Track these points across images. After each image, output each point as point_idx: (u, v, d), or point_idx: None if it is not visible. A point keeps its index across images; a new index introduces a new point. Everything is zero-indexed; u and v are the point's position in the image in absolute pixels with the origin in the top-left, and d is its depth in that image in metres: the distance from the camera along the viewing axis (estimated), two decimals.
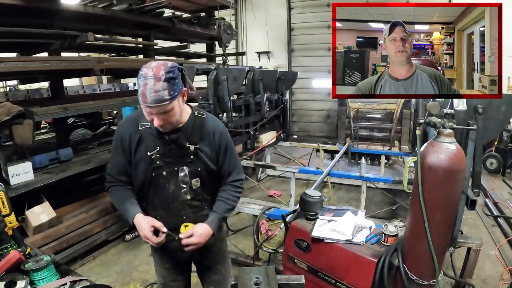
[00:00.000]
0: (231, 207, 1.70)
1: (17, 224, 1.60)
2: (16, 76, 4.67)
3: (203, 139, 1.60)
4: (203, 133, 1.60)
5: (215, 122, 1.67)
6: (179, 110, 1.46)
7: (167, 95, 1.34)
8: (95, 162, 3.86)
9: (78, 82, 8.55)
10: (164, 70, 1.34)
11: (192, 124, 1.58)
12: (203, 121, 1.62)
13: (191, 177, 1.61)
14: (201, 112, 1.64)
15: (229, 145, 1.67)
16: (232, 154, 1.69)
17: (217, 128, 1.64)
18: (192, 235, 1.54)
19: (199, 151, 1.59)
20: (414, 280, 1.69)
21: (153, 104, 1.35)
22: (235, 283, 1.08)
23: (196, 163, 1.60)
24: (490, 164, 5.86)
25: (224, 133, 1.66)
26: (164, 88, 1.33)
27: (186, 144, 1.57)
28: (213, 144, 1.62)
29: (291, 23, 9.43)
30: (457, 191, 1.62)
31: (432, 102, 1.64)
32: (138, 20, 4.83)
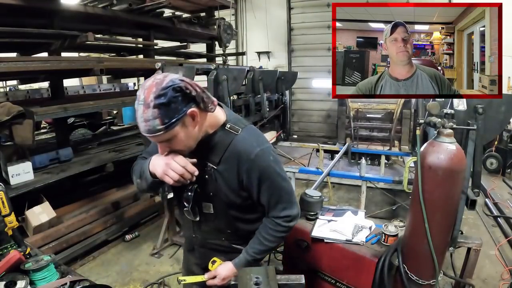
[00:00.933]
0: (266, 248, 1.40)
1: (17, 224, 1.59)
2: (16, 76, 4.66)
3: (227, 162, 1.30)
4: (228, 155, 1.29)
5: (247, 144, 1.28)
6: (188, 137, 1.20)
7: (159, 125, 1.09)
8: (95, 162, 3.86)
9: (78, 82, 8.56)
10: (154, 93, 1.07)
11: (218, 140, 1.30)
12: (233, 139, 1.29)
13: (201, 199, 1.38)
14: (235, 127, 1.30)
15: (266, 175, 1.30)
16: (273, 185, 1.33)
17: (248, 154, 1.27)
18: (215, 276, 1.42)
19: (217, 174, 1.32)
20: (414, 280, 1.69)
21: (146, 134, 1.13)
22: (235, 283, 1.08)
23: (209, 186, 1.34)
24: (490, 164, 5.86)
25: (259, 161, 1.28)
26: (154, 117, 1.08)
27: (205, 161, 1.31)
28: (237, 172, 1.30)
29: (291, 23, 9.43)
30: (457, 191, 1.62)
31: (432, 102, 1.64)
32: (138, 20, 4.83)
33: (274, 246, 1.43)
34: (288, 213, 1.37)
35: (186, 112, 1.13)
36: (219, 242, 1.48)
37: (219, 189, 1.34)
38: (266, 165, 1.30)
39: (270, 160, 1.32)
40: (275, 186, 1.33)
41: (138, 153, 4.24)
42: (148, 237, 3.95)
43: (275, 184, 1.33)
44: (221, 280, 1.40)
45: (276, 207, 1.36)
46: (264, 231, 1.40)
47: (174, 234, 3.79)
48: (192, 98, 1.14)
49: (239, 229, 1.45)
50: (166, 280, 3.12)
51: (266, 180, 1.31)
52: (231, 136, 1.29)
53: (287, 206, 1.37)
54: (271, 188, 1.33)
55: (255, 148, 1.28)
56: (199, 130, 1.23)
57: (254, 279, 1.06)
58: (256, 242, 1.40)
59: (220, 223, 1.44)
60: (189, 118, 1.16)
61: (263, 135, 1.41)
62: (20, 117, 2.83)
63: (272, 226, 1.39)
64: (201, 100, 1.17)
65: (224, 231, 1.46)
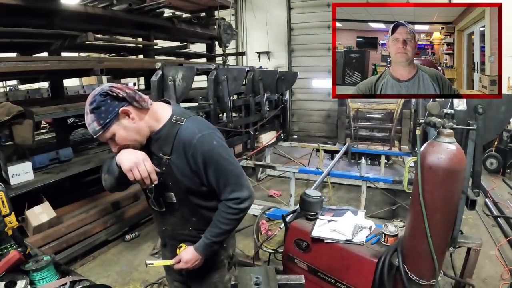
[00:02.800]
0: (221, 231, 1.47)
1: (17, 224, 1.59)
2: (16, 76, 4.67)
3: (176, 151, 1.39)
4: (176, 144, 1.39)
5: (188, 131, 1.38)
6: (128, 132, 1.32)
7: (97, 126, 1.28)
8: (95, 162, 3.86)
9: (78, 82, 8.56)
10: (88, 102, 1.29)
11: (166, 132, 1.40)
12: (179, 129, 1.39)
13: (163, 190, 1.46)
14: (180, 119, 1.41)
15: (210, 159, 1.37)
16: (219, 168, 1.39)
17: (190, 140, 1.36)
18: (180, 261, 1.50)
19: (172, 163, 1.40)
20: (414, 280, 1.69)
21: (93, 136, 1.32)
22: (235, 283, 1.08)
23: (167, 176, 1.42)
24: (490, 164, 5.86)
25: (201, 146, 1.36)
26: (92, 120, 1.28)
27: (160, 154, 1.41)
28: (185, 159, 1.38)
29: (291, 23, 9.43)
30: (457, 191, 1.62)
31: (432, 102, 1.64)
32: (138, 20, 4.83)
33: (229, 228, 1.49)
34: (237, 195, 1.42)
35: (118, 111, 1.28)
36: (187, 232, 1.54)
37: (176, 178, 1.41)
38: (209, 149, 1.37)
39: (214, 145, 1.38)
40: (221, 169, 1.39)
41: None
42: (148, 237, 3.95)
43: (221, 167, 1.39)
44: (185, 264, 1.48)
45: (225, 190, 1.42)
46: (218, 215, 1.46)
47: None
48: (122, 99, 1.29)
49: (204, 217, 1.51)
50: (166, 280, 3.12)
51: (211, 164, 1.37)
52: (176, 127, 1.39)
53: (235, 188, 1.42)
54: (217, 171, 1.39)
55: (196, 134, 1.37)
56: (144, 124, 1.36)
57: (254, 279, 1.06)
58: (213, 226, 1.47)
59: (184, 211, 1.50)
60: (123, 115, 1.30)
61: (207, 122, 1.51)
62: (20, 117, 2.83)
63: (224, 209, 1.44)
64: (133, 99, 1.31)
65: (190, 220, 1.52)
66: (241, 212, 1.47)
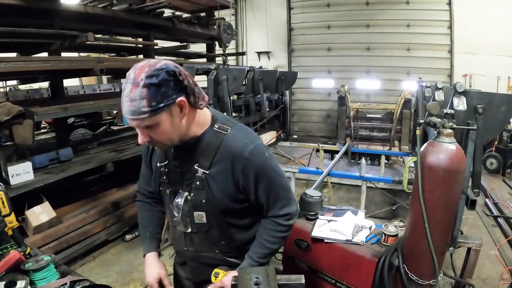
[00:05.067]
0: (269, 251, 1.31)
1: (17, 224, 1.59)
2: (16, 76, 4.66)
3: (218, 164, 1.21)
4: (219, 156, 1.20)
5: (238, 142, 1.20)
6: (172, 129, 1.11)
7: (145, 107, 1.01)
8: (95, 162, 3.87)
9: (78, 82, 8.56)
10: (146, 72, 1.01)
11: (207, 141, 1.21)
12: (223, 139, 1.20)
13: (194, 208, 1.28)
14: (224, 127, 1.22)
15: (263, 173, 1.22)
16: (271, 183, 1.25)
17: (241, 152, 1.19)
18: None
19: (209, 178, 1.22)
20: (414, 280, 1.69)
21: (129, 116, 1.04)
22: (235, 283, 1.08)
23: (201, 193, 1.24)
24: (490, 164, 5.87)
25: (254, 159, 1.20)
26: (142, 97, 1.00)
27: (194, 166, 1.23)
28: (232, 173, 1.21)
29: (291, 23, 9.43)
30: (457, 191, 1.62)
31: (432, 102, 1.64)
32: (138, 20, 4.83)
33: (277, 247, 1.35)
34: (287, 211, 1.30)
35: (176, 100, 1.06)
36: (213, 255, 1.37)
37: (212, 195, 1.23)
38: (262, 162, 1.23)
39: (266, 157, 1.25)
40: (273, 183, 1.26)
41: (138, 153, 4.23)
42: None
43: (273, 181, 1.26)
44: None
45: (275, 206, 1.29)
46: (265, 234, 1.31)
47: None
48: (183, 88, 1.08)
49: (234, 239, 1.35)
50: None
51: (263, 178, 1.23)
52: (220, 136, 1.21)
53: (285, 204, 1.30)
54: (269, 186, 1.25)
55: (248, 145, 1.20)
56: (186, 125, 1.15)
57: (254, 279, 1.06)
58: (258, 246, 1.31)
59: (214, 234, 1.33)
60: (177, 107, 1.08)
61: (253, 132, 1.35)
62: (20, 117, 2.83)
63: (273, 226, 1.30)
64: (192, 93, 1.11)
65: (218, 243, 1.35)
66: (290, 229, 1.34)
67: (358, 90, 8.51)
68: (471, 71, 7.49)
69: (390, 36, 8.22)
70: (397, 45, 8.21)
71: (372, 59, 8.52)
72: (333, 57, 8.95)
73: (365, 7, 8.35)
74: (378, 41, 8.37)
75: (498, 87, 7.14)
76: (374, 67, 8.52)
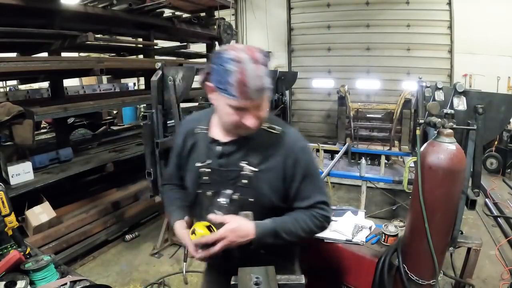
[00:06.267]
0: (295, 232, 1.21)
1: (17, 224, 1.59)
2: (16, 76, 4.67)
3: (269, 161, 1.20)
4: (270, 153, 1.20)
5: (292, 140, 1.23)
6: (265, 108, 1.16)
7: (269, 83, 1.07)
8: (95, 162, 3.87)
9: (78, 82, 8.55)
10: (259, 52, 1.07)
11: (258, 140, 1.20)
12: (275, 137, 1.21)
13: (240, 208, 1.21)
14: (274, 126, 1.23)
15: (310, 171, 1.24)
16: (313, 181, 1.25)
17: (294, 148, 1.22)
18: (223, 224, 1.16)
19: (260, 175, 1.19)
20: (414, 280, 1.69)
21: (256, 95, 1.05)
22: (235, 283, 1.08)
23: (248, 191, 1.21)
24: (490, 164, 5.86)
25: (303, 156, 1.23)
26: (265, 74, 1.06)
27: (241, 163, 1.20)
28: (283, 169, 1.20)
29: (291, 23, 9.43)
30: (457, 191, 1.62)
31: (432, 102, 1.64)
32: (138, 20, 4.83)
33: (302, 235, 1.24)
34: (325, 213, 1.26)
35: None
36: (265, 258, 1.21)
37: (261, 193, 1.20)
38: (311, 160, 1.27)
39: (312, 156, 1.31)
40: (315, 182, 1.26)
41: (138, 153, 4.24)
42: (148, 237, 3.95)
43: (315, 180, 1.26)
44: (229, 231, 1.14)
45: (316, 204, 1.25)
46: (297, 215, 1.24)
47: (174, 234, 3.79)
48: None
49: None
50: (166, 280, 3.12)
51: (308, 176, 1.23)
52: (271, 134, 1.22)
53: (324, 206, 1.27)
54: (312, 183, 1.24)
55: (300, 142, 1.25)
56: None
57: (254, 279, 1.06)
58: (287, 221, 1.22)
59: None
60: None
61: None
62: (20, 117, 2.83)
63: (309, 217, 1.24)
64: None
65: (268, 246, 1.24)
66: (322, 230, 1.30)
67: (358, 90, 8.50)
68: (471, 71, 7.49)
69: (390, 36, 8.21)
70: (397, 45, 8.20)
71: (372, 59, 8.51)
72: (333, 57, 8.94)
73: (365, 7, 8.34)
74: (378, 41, 8.36)
75: (498, 87, 7.14)
76: (374, 67, 8.52)
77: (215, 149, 1.24)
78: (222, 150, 1.23)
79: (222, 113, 1.15)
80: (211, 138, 1.26)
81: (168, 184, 1.52)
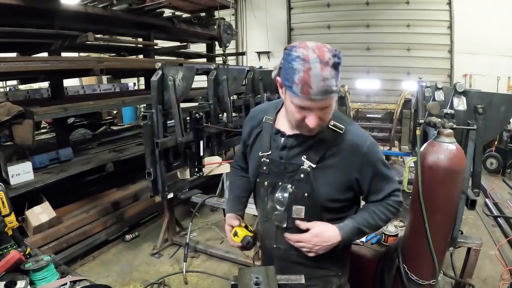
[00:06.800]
0: (375, 224, 1.30)
1: (17, 224, 1.59)
2: (16, 76, 4.67)
3: (331, 158, 1.21)
4: (333, 151, 1.20)
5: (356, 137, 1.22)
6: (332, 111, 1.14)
7: (335, 85, 1.03)
8: (95, 162, 3.86)
9: (78, 82, 8.56)
10: (330, 52, 1.03)
11: (321, 137, 1.20)
12: (338, 135, 1.20)
13: (294, 202, 1.25)
14: (338, 125, 1.21)
15: (378, 169, 1.26)
16: (384, 175, 1.28)
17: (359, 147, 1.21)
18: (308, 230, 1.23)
19: (317, 173, 1.21)
20: (414, 280, 1.69)
21: (319, 97, 1.03)
22: (235, 283, 1.08)
23: (304, 186, 1.22)
24: (490, 164, 5.86)
25: (371, 155, 1.23)
26: (332, 76, 1.02)
27: (302, 158, 1.21)
28: (347, 167, 1.21)
29: (291, 23, 9.43)
30: (457, 191, 1.62)
31: (432, 102, 1.64)
32: (138, 20, 4.83)
33: (381, 225, 1.33)
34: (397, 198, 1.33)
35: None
36: (303, 254, 1.30)
37: (317, 189, 1.22)
38: (378, 159, 1.26)
39: (380, 153, 1.28)
40: (385, 176, 1.28)
41: (138, 153, 4.23)
42: (148, 237, 3.95)
43: (384, 174, 1.28)
44: (314, 236, 1.23)
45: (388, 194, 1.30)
46: (374, 208, 1.30)
47: (174, 234, 3.79)
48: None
49: None
50: (166, 280, 3.12)
51: (378, 173, 1.25)
52: (335, 133, 1.20)
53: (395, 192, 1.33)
54: (382, 180, 1.28)
55: (366, 141, 1.22)
56: None
57: (254, 279, 1.06)
58: (367, 215, 1.29)
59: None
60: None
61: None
62: (20, 117, 2.83)
63: (384, 207, 1.31)
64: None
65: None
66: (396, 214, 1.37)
67: (358, 90, 8.50)
68: (471, 71, 7.49)
69: (390, 36, 8.22)
70: (397, 45, 8.20)
71: (372, 59, 8.52)
72: None
73: (365, 7, 8.34)
74: (378, 41, 8.36)
75: (498, 87, 7.14)
76: (374, 67, 8.52)
77: (278, 141, 1.27)
78: (285, 142, 1.25)
79: (287, 109, 1.16)
80: (276, 129, 1.28)
81: (235, 168, 1.61)
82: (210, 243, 3.75)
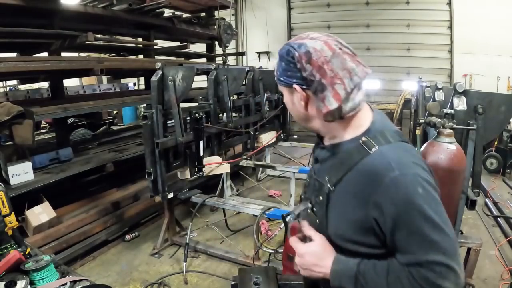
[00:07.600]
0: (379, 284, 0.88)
1: (17, 224, 1.60)
2: (16, 76, 4.67)
3: (347, 183, 0.93)
4: (352, 174, 0.92)
5: (382, 162, 0.87)
6: (292, 106, 1.02)
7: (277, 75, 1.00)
8: (95, 162, 3.86)
9: (78, 82, 8.57)
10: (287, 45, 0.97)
11: (345, 154, 0.96)
12: (365, 155, 0.91)
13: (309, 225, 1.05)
14: (371, 142, 0.91)
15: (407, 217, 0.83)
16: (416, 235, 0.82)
17: (379, 175, 0.86)
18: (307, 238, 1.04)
19: (333, 197, 0.96)
20: None
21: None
22: (235, 283, 1.08)
23: (320, 211, 1.01)
24: (490, 164, 5.86)
25: (395, 190, 0.84)
26: (277, 67, 1.00)
27: (325, 176, 0.98)
28: (361, 197, 0.89)
29: (291, 23, 9.44)
30: (457, 191, 1.62)
31: (432, 102, 1.64)
32: (138, 20, 4.84)
33: None
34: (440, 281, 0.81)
35: (292, 85, 0.95)
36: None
37: (328, 217, 0.98)
38: (407, 199, 0.84)
39: (417, 193, 0.84)
40: (420, 234, 0.83)
41: (138, 153, 4.24)
42: (148, 237, 3.95)
43: (420, 233, 0.83)
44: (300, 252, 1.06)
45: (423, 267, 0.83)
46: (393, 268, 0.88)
47: (174, 234, 3.79)
48: (303, 78, 0.92)
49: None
50: (166, 280, 3.12)
51: (405, 223, 0.84)
52: (363, 151, 0.92)
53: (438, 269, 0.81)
54: (413, 236, 0.84)
55: (393, 170, 0.85)
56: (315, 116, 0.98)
57: (254, 279, 1.06)
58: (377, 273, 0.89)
59: None
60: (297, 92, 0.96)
61: (415, 154, 0.96)
62: (20, 117, 2.83)
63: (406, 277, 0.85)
64: (320, 90, 0.92)
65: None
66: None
67: None
68: (471, 71, 7.49)
69: (390, 36, 8.22)
70: (397, 45, 8.21)
71: (372, 59, 8.51)
72: None
73: (365, 7, 8.35)
74: (378, 41, 8.37)
75: (498, 87, 7.14)
76: (374, 67, 8.35)
77: (316, 151, 1.12)
78: (317, 154, 1.10)
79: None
80: (318, 139, 1.11)
81: None
82: (210, 243, 3.75)
